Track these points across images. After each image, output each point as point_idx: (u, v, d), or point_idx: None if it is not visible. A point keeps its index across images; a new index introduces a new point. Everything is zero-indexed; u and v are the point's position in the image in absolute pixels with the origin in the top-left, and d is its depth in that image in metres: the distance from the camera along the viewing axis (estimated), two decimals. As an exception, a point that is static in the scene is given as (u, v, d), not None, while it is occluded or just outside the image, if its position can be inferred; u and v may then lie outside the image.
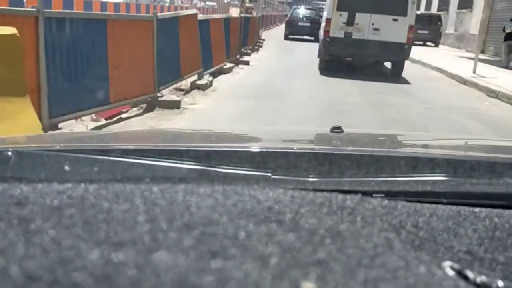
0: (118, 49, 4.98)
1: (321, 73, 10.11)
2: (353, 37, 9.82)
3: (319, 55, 10.89)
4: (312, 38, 19.12)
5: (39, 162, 0.77)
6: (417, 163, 0.82)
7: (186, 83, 7.41)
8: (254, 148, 0.91)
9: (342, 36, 9.84)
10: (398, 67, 10.30)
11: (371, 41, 9.78)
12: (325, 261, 0.40)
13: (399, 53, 9.87)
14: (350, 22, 9.76)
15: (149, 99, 5.77)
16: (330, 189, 0.62)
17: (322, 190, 0.57)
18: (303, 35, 20.90)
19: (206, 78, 8.00)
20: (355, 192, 0.59)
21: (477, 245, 0.50)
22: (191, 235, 0.41)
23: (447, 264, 0.45)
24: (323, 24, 10.78)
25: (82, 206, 0.45)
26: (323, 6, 13.18)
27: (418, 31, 20.87)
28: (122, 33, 5.08)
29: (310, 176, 0.74)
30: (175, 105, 5.95)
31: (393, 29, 9.64)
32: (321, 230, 0.45)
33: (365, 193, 0.60)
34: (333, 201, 0.52)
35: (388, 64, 11.20)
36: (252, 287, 0.35)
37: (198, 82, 7.58)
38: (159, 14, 6.28)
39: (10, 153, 0.76)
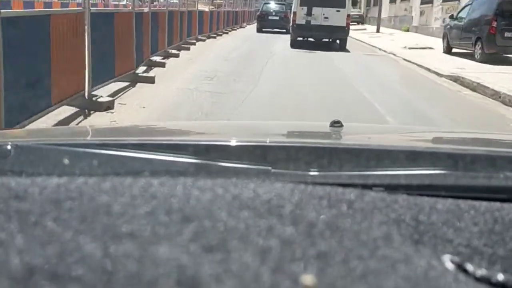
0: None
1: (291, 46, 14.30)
2: (311, 23, 14.73)
3: (291, 37, 15.56)
4: (284, 30, 20.73)
5: (38, 156, 0.77)
6: (417, 157, 0.81)
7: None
8: (254, 142, 0.91)
9: (304, 23, 14.75)
10: (343, 42, 15.15)
11: (323, 25, 14.67)
12: (325, 254, 0.40)
13: (342, 33, 14.83)
14: (309, 13, 14.75)
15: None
16: (330, 182, 0.62)
17: (322, 184, 0.56)
18: (273, 28, 22.10)
19: None
20: (355, 186, 0.59)
21: (477, 238, 0.50)
22: (190, 228, 0.41)
23: (447, 257, 0.45)
24: (291, 16, 15.56)
25: (81, 199, 0.45)
26: (291, 1, 17.13)
27: (506, 34, 10.76)
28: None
29: (310, 170, 0.74)
30: None
31: (337, 17, 14.60)
32: (321, 224, 0.45)
33: (365, 187, 0.60)
34: (333, 195, 0.52)
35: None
36: (251, 280, 0.35)
37: None
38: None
39: (9, 147, 0.76)
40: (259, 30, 22.13)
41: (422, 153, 0.86)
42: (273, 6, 23.27)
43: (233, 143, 0.89)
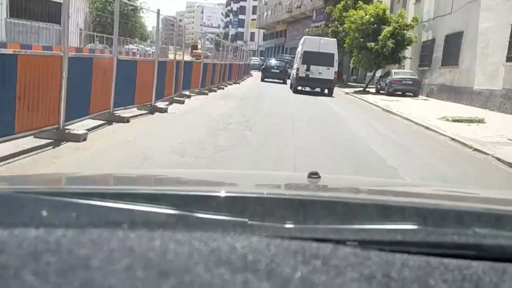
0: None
1: (294, 92, 21.06)
2: (309, 76, 21.49)
3: (291, 86, 23.06)
4: (281, 81, 29.28)
5: (17, 205, 0.76)
6: (388, 212, 0.82)
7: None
8: (232, 193, 0.93)
9: (304, 75, 21.54)
10: (330, 91, 22.09)
11: (318, 78, 21.48)
12: None
13: (330, 83, 21.74)
14: (308, 69, 21.52)
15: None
16: (306, 236, 0.63)
17: (297, 238, 0.58)
18: (274, 78, 29.86)
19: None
20: (330, 240, 0.60)
21: None
22: (168, 283, 0.42)
23: None
24: (294, 71, 22.76)
25: (59, 253, 0.45)
26: (289, 59, 24.08)
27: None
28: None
29: (286, 223, 0.75)
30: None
31: (327, 73, 21.47)
32: (295, 279, 0.46)
33: (339, 242, 0.61)
34: (307, 250, 0.53)
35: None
36: None
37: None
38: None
39: None
40: (263, 79, 29.65)
41: (393, 208, 0.88)
42: (273, 62, 32.48)
43: (211, 194, 0.90)
